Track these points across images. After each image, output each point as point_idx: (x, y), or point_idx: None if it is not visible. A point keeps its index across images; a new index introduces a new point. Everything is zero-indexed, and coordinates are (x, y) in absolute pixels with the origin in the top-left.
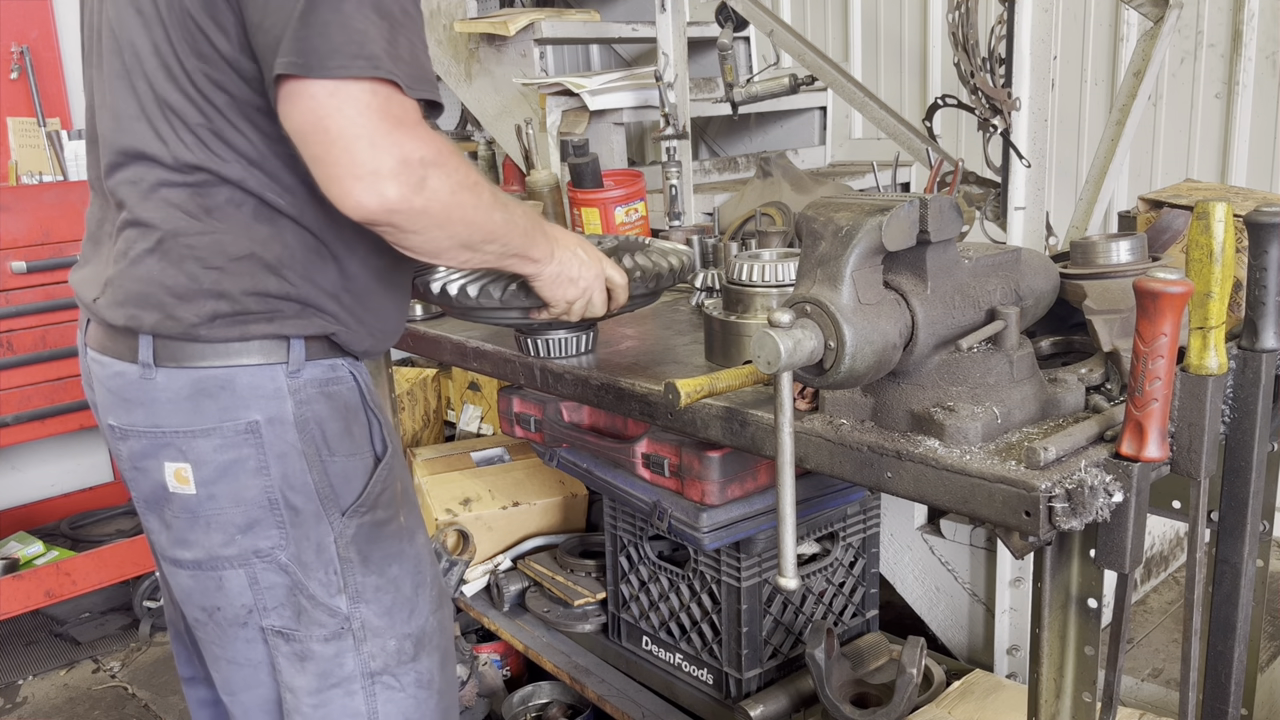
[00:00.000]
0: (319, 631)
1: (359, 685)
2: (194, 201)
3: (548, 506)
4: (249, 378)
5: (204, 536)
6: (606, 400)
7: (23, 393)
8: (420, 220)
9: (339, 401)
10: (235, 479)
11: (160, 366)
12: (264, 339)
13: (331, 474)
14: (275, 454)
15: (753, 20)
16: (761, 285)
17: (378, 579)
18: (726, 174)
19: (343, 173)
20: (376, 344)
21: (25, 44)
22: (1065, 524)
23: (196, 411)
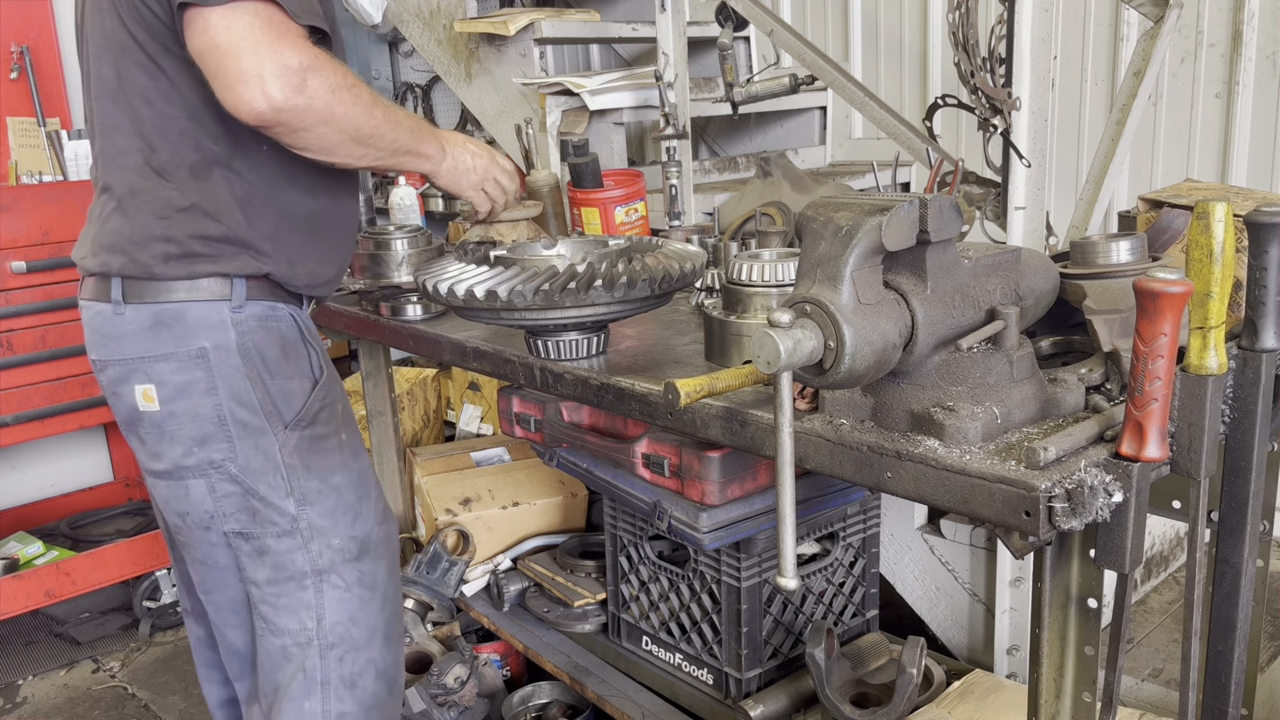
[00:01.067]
0: (272, 529)
1: (309, 581)
2: (147, 165)
3: (548, 506)
4: (199, 311)
5: (169, 449)
6: (606, 400)
7: (23, 393)
8: (305, 117)
9: (276, 334)
10: (190, 398)
11: (128, 303)
12: (210, 277)
13: (273, 392)
14: (222, 376)
15: (753, 20)
16: (761, 285)
17: (320, 484)
18: (726, 174)
19: (233, 79)
20: (314, 284)
21: (25, 44)
22: (1065, 524)
23: (157, 339)
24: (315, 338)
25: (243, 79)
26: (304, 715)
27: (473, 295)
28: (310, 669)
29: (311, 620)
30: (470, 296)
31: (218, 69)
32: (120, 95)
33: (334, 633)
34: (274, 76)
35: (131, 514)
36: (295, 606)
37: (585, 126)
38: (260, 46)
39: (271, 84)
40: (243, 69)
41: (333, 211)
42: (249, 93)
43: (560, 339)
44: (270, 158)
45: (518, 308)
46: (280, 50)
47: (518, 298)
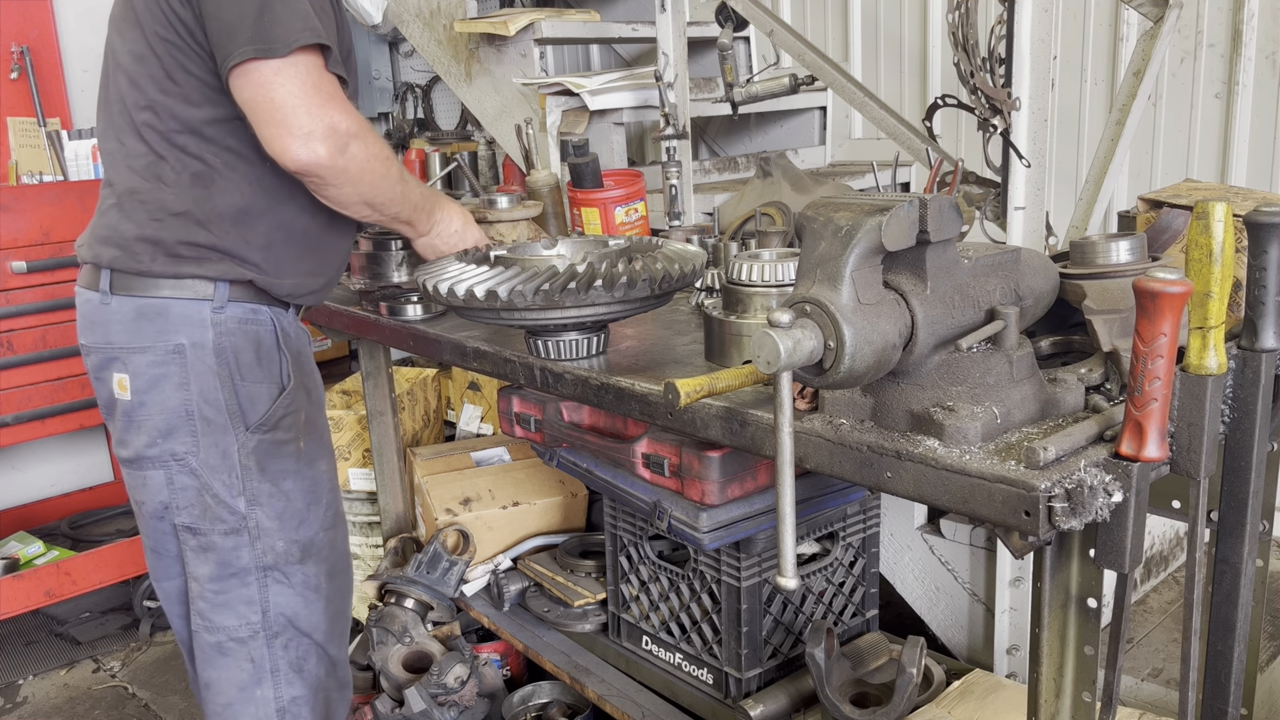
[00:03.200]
0: (220, 526)
1: (253, 577)
2: (150, 170)
3: (548, 506)
4: (181, 308)
5: (135, 437)
6: (606, 400)
7: (23, 393)
8: (340, 177)
9: (253, 337)
10: (161, 390)
11: (115, 294)
12: (194, 279)
13: (240, 395)
14: (195, 373)
15: (753, 20)
16: (761, 285)
17: (271, 488)
18: (726, 174)
19: (285, 132)
20: (300, 293)
21: (25, 44)
22: (1065, 524)
23: (138, 332)
24: (294, 343)
25: (295, 134)
26: (257, 703)
27: (473, 295)
28: (259, 658)
29: (255, 614)
30: (470, 296)
31: (269, 119)
32: (134, 102)
33: (278, 622)
34: (323, 138)
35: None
36: (236, 603)
37: (585, 126)
38: (313, 107)
39: (319, 144)
40: (297, 125)
41: (329, 229)
42: (298, 147)
43: (560, 339)
44: (274, 172)
45: (518, 308)
46: (331, 112)
47: (518, 298)
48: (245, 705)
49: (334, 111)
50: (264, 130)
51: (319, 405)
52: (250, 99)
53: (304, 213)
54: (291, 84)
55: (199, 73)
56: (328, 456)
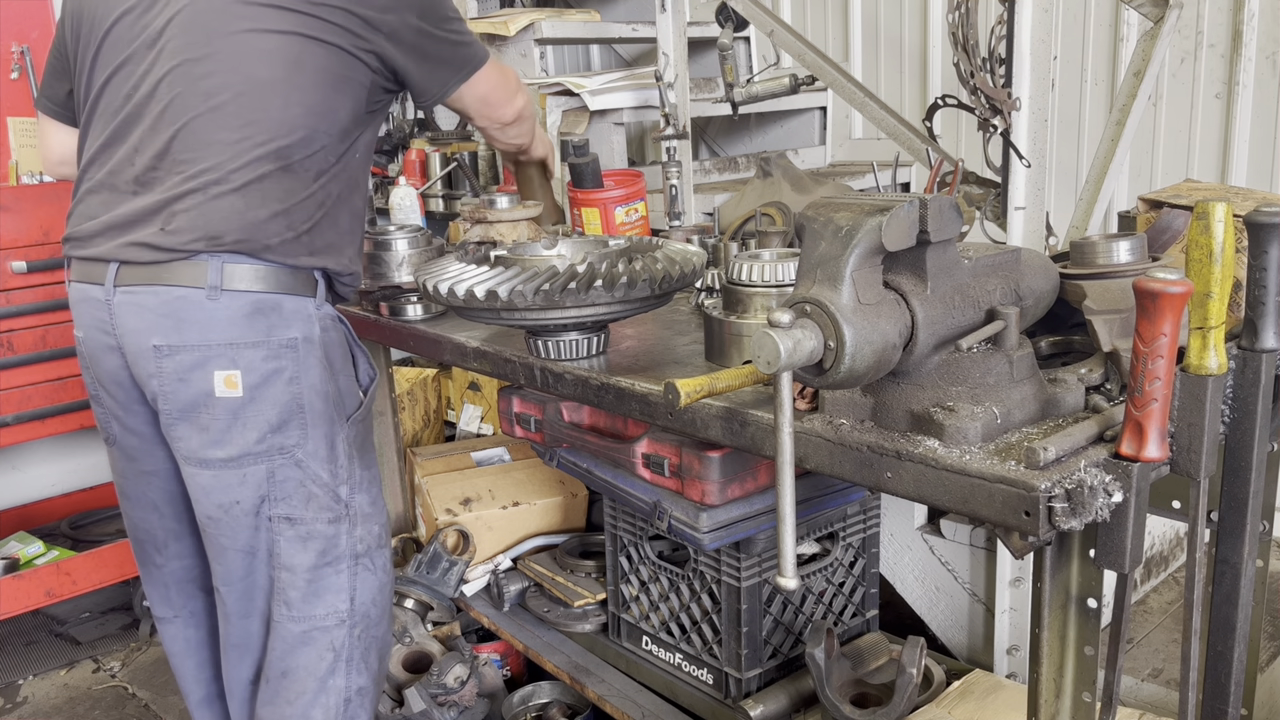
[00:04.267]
0: (325, 515)
1: (345, 565)
2: (277, 156)
3: (548, 506)
4: (293, 304)
5: (240, 435)
6: (606, 400)
7: (23, 393)
8: (523, 125)
9: (340, 333)
10: (274, 385)
11: (226, 289)
12: (307, 269)
13: (341, 386)
14: (306, 366)
15: (753, 20)
16: (761, 285)
17: (365, 472)
18: (726, 174)
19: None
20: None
21: (26, 44)
22: (1065, 524)
23: (251, 327)
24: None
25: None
26: (328, 692)
27: (473, 295)
28: (340, 647)
29: (344, 602)
30: (470, 296)
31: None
32: (267, 91)
33: (359, 611)
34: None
35: None
36: (326, 591)
37: (585, 126)
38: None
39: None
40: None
41: (364, 215)
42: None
43: (560, 339)
44: (354, 164)
45: (518, 308)
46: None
47: (518, 298)
48: (318, 695)
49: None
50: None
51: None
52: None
53: (361, 199)
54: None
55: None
56: None
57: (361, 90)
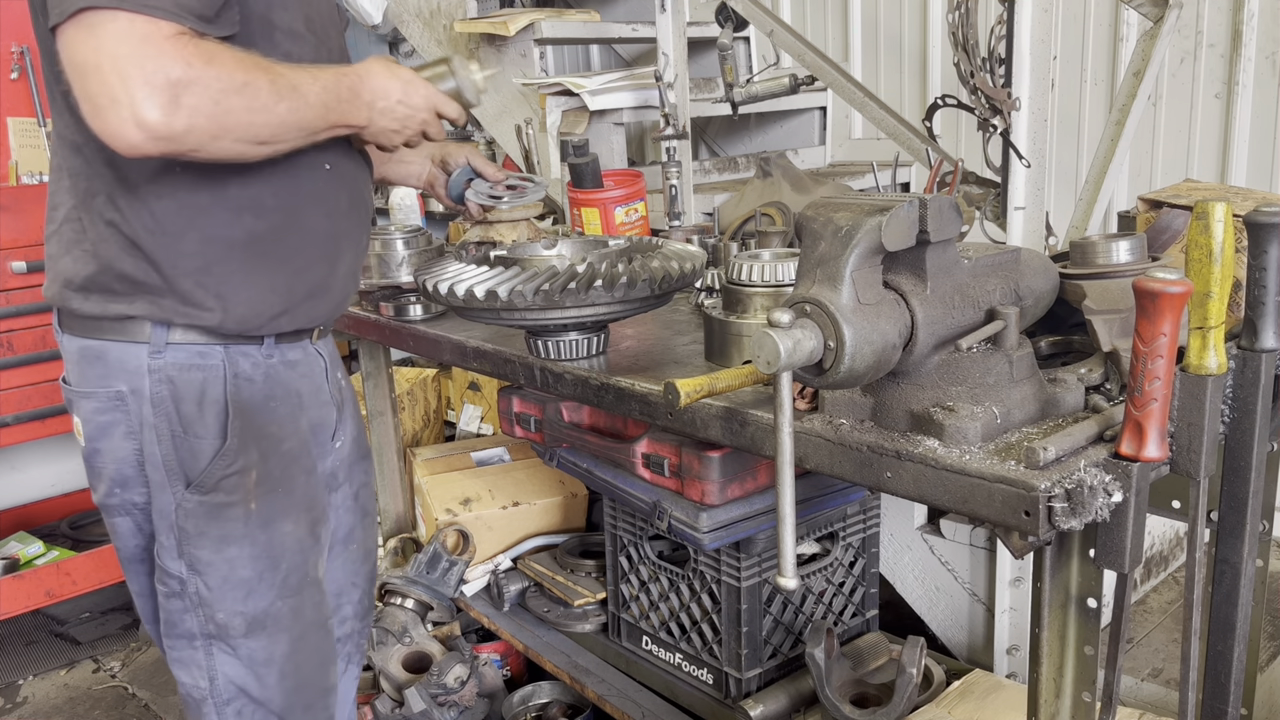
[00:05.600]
0: (163, 589)
1: (199, 642)
2: (71, 194)
3: (548, 506)
4: (118, 352)
5: (97, 484)
6: (606, 400)
7: (23, 393)
8: (191, 138)
9: (195, 385)
10: (110, 439)
11: (64, 332)
12: (127, 319)
13: (180, 450)
14: (138, 423)
15: (753, 20)
16: (761, 285)
17: (211, 554)
18: (726, 174)
19: (97, 106)
20: (264, 320)
21: (26, 44)
22: (1065, 524)
23: (83, 375)
24: (254, 390)
25: (109, 105)
26: None
27: (473, 295)
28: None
29: (204, 680)
30: (470, 296)
31: (81, 93)
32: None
33: (227, 690)
34: (144, 101)
35: None
36: (187, 663)
37: (585, 127)
38: (120, 64)
39: (142, 109)
40: (106, 93)
41: (288, 230)
42: (116, 122)
43: (560, 339)
44: (187, 176)
45: (518, 308)
46: (143, 65)
47: (518, 298)
48: None
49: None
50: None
51: (290, 457)
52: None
53: (244, 214)
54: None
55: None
56: (299, 515)
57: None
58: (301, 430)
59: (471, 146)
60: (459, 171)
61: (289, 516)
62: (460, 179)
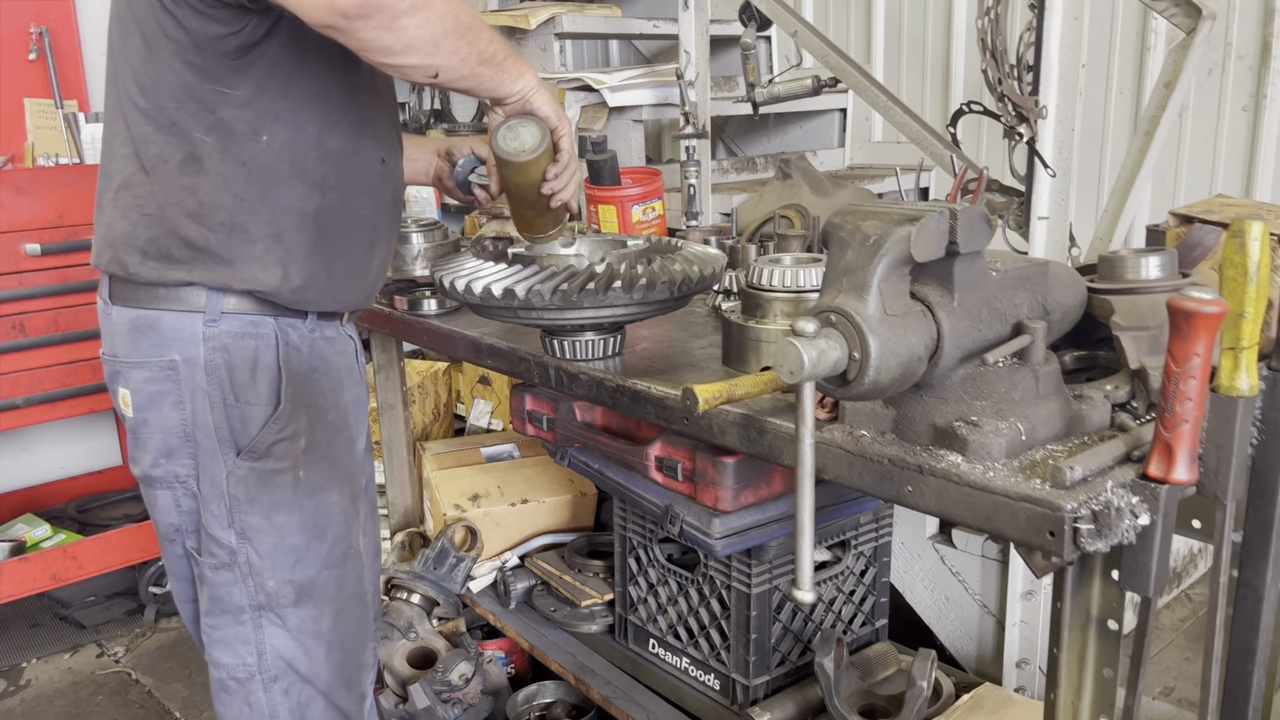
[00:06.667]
0: (210, 560)
1: (248, 615)
2: (136, 157)
3: (556, 504)
4: (171, 321)
5: (142, 455)
6: (622, 402)
7: (34, 375)
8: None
9: (249, 353)
10: (160, 409)
11: (114, 304)
12: (184, 286)
13: (231, 417)
14: (189, 392)
15: (776, 20)
16: (781, 290)
17: (262, 521)
18: (744, 174)
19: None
20: (317, 293)
21: (44, 25)
22: (1090, 546)
23: (134, 345)
24: (302, 360)
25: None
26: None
27: (490, 293)
28: (256, 703)
29: (251, 655)
30: (487, 294)
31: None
32: (116, 83)
33: (275, 666)
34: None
35: (139, 498)
36: (232, 640)
37: (604, 123)
38: None
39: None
40: None
41: (342, 212)
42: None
43: (577, 339)
44: (271, 147)
45: (535, 307)
46: None
47: (535, 297)
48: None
49: None
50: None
51: (335, 429)
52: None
53: (315, 190)
54: None
55: (175, 32)
56: (342, 485)
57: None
58: (343, 404)
59: (475, 137)
60: (464, 161)
61: (334, 486)
62: (466, 168)
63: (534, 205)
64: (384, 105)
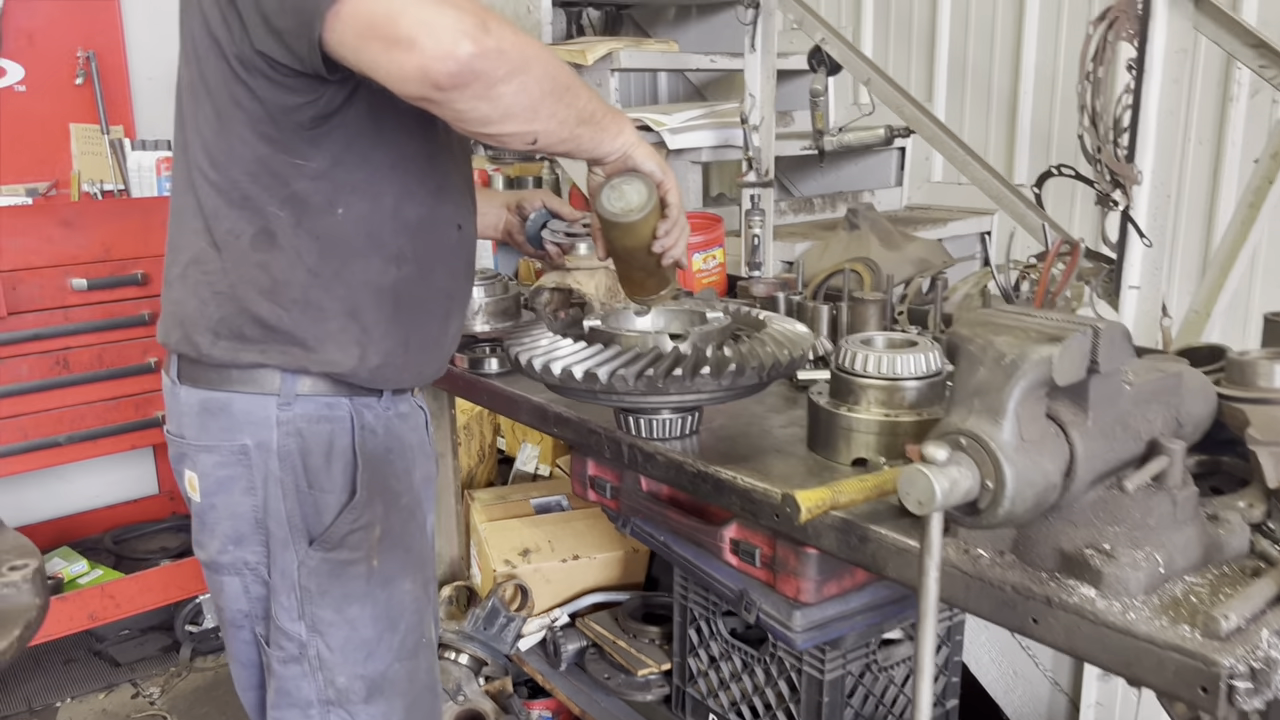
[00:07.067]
0: (279, 653)
1: (316, 711)
2: (207, 232)
3: (608, 560)
4: (244, 404)
5: (209, 541)
6: (703, 490)
7: (77, 411)
8: (502, 62)
9: (324, 438)
10: (229, 494)
11: (182, 384)
12: (257, 368)
13: (304, 505)
14: (260, 478)
15: (848, 67)
16: (875, 378)
17: (333, 614)
18: (802, 215)
19: (405, 38)
20: (394, 371)
21: (92, 49)
22: (1247, 704)
23: (204, 428)
24: (378, 442)
25: (419, 33)
26: None
27: (570, 375)
28: None
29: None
30: (567, 377)
31: (389, 38)
32: (185, 152)
33: None
34: (453, 20)
35: (175, 530)
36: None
37: None
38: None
39: (455, 27)
40: (417, 21)
41: (419, 283)
42: (432, 44)
43: (654, 418)
44: (347, 220)
45: (618, 391)
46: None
47: (619, 381)
48: None
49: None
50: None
51: (408, 512)
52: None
53: (391, 263)
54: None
55: (248, 103)
56: (415, 573)
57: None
58: (415, 484)
59: (545, 190)
60: (535, 215)
61: (407, 574)
62: (537, 222)
63: (644, 266)
64: (460, 167)
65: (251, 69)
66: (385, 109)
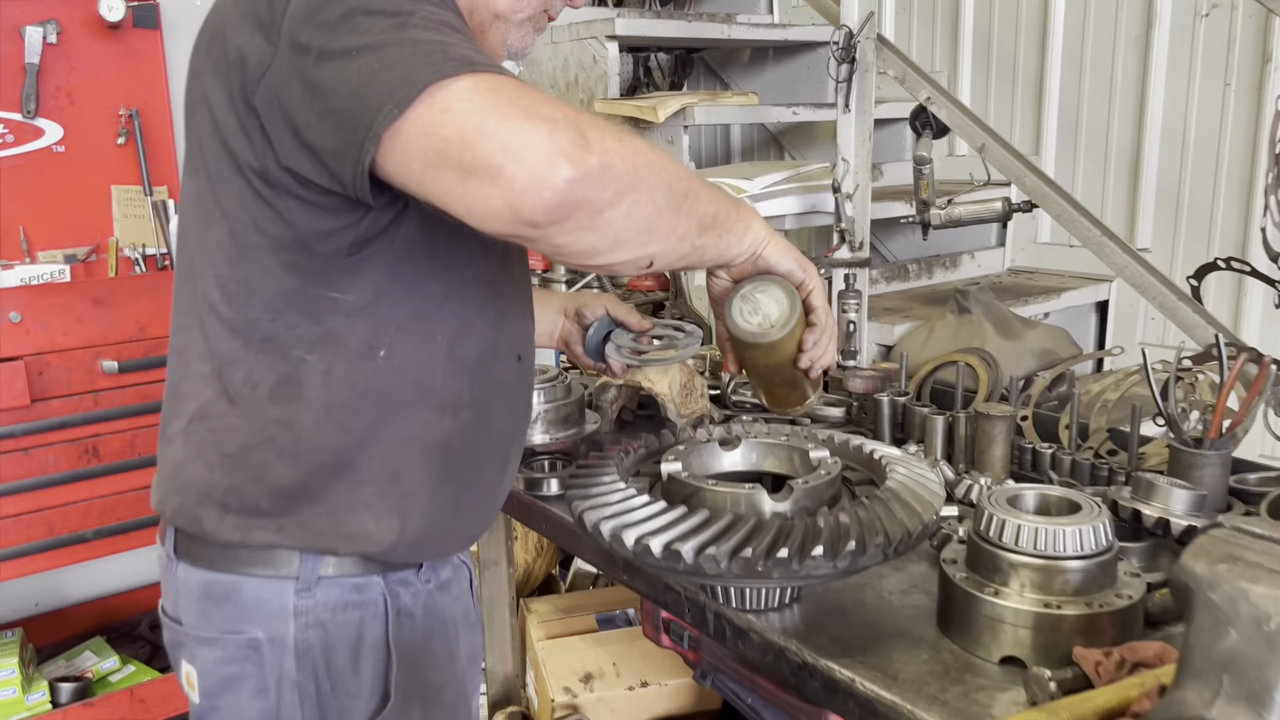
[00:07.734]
0: None
1: None
2: (218, 381)
3: (679, 687)
4: (254, 589)
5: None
6: (810, 688)
7: (106, 503)
8: (607, 183)
9: (350, 631)
10: (235, 695)
11: (180, 560)
12: (271, 548)
13: (326, 712)
14: (274, 679)
15: (958, 130)
16: (1029, 555)
17: None
18: (895, 282)
19: (496, 169)
20: (440, 538)
21: (135, 107)
22: None
23: (205, 617)
24: (416, 627)
25: (504, 159)
26: None
27: (648, 551)
28: None
29: None
30: (644, 552)
31: (465, 168)
32: (191, 282)
33: None
34: (545, 138)
35: None
36: None
37: None
38: (504, 113)
39: (549, 147)
40: (500, 145)
41: (475, 431)
42: (523, 172)
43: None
44: (391, 364)
45: (708, 575)
46: (528, 109)
47: (708, 563)
48: None
49: (533, 107)
50: (458, 193)
51: (450, 709)
52: (411, 169)
53: (444, 414)
54: (458, 104)
55: (272, 227)
56: None
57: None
58: (459, 669)
59: (610, 295)
60: (597, 324)
61: None
62: (599, 332)
63: (789, 380)
64: (521, 285)
65: (277, 187)
66: (439, 227)
